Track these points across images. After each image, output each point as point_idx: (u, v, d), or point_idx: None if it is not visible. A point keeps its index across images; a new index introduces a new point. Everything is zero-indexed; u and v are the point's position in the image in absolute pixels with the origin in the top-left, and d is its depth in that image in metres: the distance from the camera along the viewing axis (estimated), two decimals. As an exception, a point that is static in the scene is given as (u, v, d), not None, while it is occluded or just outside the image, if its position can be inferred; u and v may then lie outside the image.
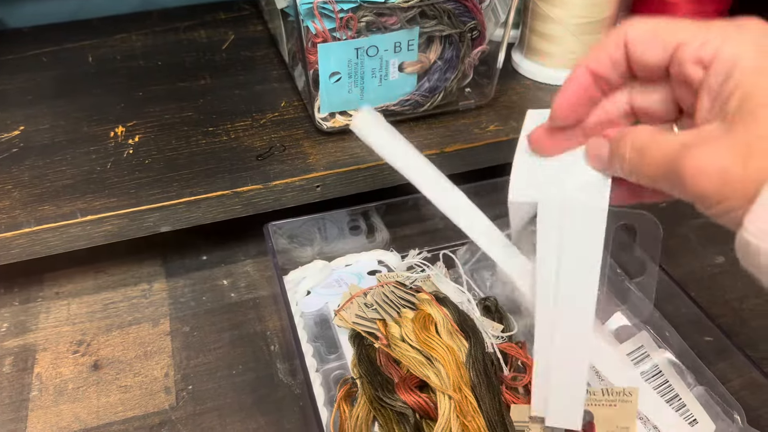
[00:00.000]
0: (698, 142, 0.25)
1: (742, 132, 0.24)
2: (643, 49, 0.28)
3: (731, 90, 0.25)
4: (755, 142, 0.23)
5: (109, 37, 0.68)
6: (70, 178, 0.50)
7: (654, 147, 0.27)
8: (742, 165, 0.23)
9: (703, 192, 0.24)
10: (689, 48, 0.26)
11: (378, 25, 0.48)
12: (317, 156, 0.52)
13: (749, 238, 0.23)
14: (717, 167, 0.24)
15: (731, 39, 0.25)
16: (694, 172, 0.24)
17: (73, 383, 0.47)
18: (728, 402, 0.41)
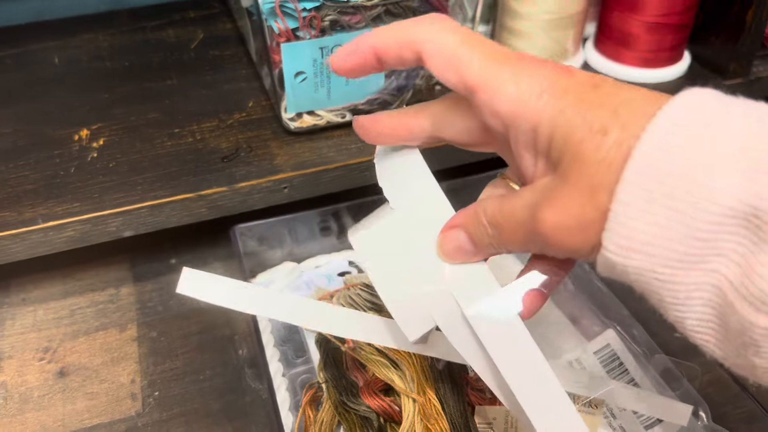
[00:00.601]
0: (542, 202, 0.24)
1: (576, 175, 0.23)
2: (438, 67, 0.26)
3: (547, 139, 0.24)
4: (593, 179, 0.22)
5: (74, 37, 0.67)
6: (32, 183, 0.49)
7: (505, 216, 0.26)
8: (592, 207, 0.22)
9: (571, 247, 0.24)
10: (483, 97, 0.25)
11: (342, 23, 0.48)
12: (284, 157, 0.51)
13: (611, 257, 0.22)
14: (571, 220, 0.23)
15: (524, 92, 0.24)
16: (552, 233, 0.24)
17: (38, 391, 0.46)
18: (694, 399, 0.41)
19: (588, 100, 0.23)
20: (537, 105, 0.24)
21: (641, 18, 0.57)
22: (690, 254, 0.21)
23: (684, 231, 0.20)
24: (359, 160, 0.51)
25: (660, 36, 0.58)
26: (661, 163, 0.21)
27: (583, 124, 0.23)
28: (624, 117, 0.22)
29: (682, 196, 0.20)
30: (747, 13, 0.57)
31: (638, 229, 0.21)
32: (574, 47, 0.60)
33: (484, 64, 0.25)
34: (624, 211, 0.21)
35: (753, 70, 0.61)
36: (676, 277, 0.21)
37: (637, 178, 0.21)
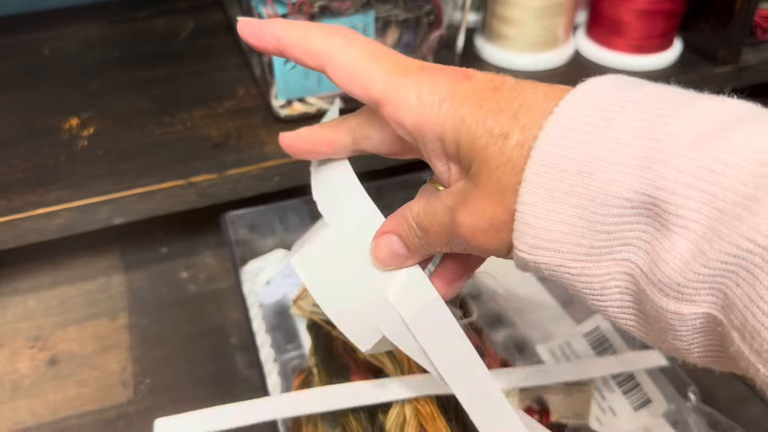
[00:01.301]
0: (458, 206, 0.24)
1: (485, 180, 0.23)
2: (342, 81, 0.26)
3: (454, 148, 0.24)
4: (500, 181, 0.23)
5: (65, 28, 0.67)
6: (22, 171, 0.49)
7: (429, 217, 0.26)
8: (502, 209, 0.23)
9: (488, 247, 0.24)
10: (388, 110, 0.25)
11: (332, 9, 0.48)
12: (275, 145, 0.51)
13: (523, 256, 0.23)
14: (484, 222, 0.23)
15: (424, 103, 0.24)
16: (468, 234, 0.24)
17: (29, 379, 0.46)
18: (683, 381, 0.41)
19: (487, 106, 0.23)
20: (438, 115, 0.24)
21: (632, 5, 0.57)
22: (596, 247, 0.21)
23: (587, 226, 0.21)
24: (350, 147, 0.51)
25: (651, 23, 0.58)
26: (559, 160, 0.21)
27: (485, 131, 0.23)
28: (523, 119, 0.22)
29: (581, 192, 0.21)
30: (736, 1, 0.57)
31: (543, 227, 0.22)
32: (564, 35, 0.60)
33: (386, 76, 0.25)
34: (528, 211, 0.22)
35: (743, 58, 0.61)
36: (587, 270, 0.22)
37: (537, 178, 0.21)
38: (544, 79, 0.61)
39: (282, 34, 0.27)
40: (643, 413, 0.40)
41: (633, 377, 0.41)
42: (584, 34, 0.62)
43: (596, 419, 0.40)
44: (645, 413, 0.40)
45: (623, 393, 0.40)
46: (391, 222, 0.28)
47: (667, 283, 0.20)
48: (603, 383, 0.41)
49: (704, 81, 0.60)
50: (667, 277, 0.20)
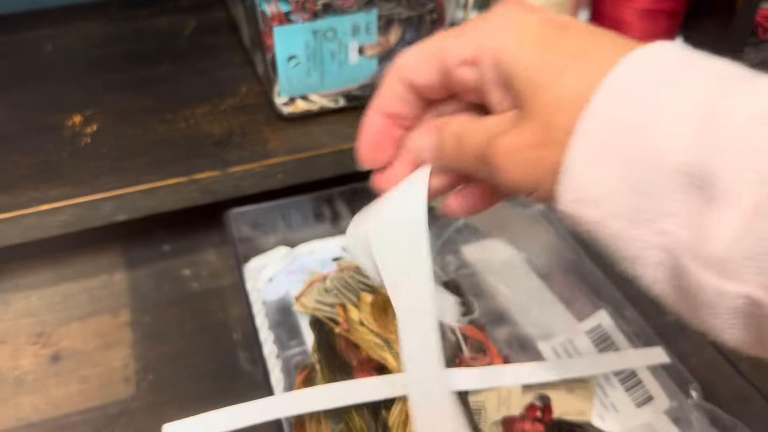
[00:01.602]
0: (501, 132, 0.25)
1: (531, 112, 0.23)
2: (414, 73, 0.28)
3: (507, 75, 0.24)
4: (547, 119, 0.23)
5: (68, 26, 0.67)
6: (25, 168, 0.49)
7: (468, 135, 0.26)
8: (543, 143, 0.23)
9: (516, 179, 0.24)
10: (451, 53, 0.26)
11: (335, 7, 0.48)
12: (277, 142, 0.51)
13: (565, 208, 0.23)
14: (519, 151, 0.24)
15: (486, 29, 0.25)
16: (503, 162, 0.24)
17: (32, 375, 0.46)
18: (685, 378, 0.41)
19: (549, 41, 0.24)
20: (499, 41, 0.24)
21: (634, 5, 0.57)
22: (638, 210, 0.21)
23: (632, 187, 0.21)
24: (352, 145, 0.50)
25: (652, 23, 0.58)
26: (612, 118, 0.21)
27: (542, 63, 0.23)
28: (582, 62, 0.22)
29: (631, 153, 0.21)
30: (737, 1, 0.57)
31: (588, 182, 0.22)
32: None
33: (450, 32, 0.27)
34: (575, 165, 0.22)
35: (744, 57, 0.61)
36: (625, 231, 0.21)
37: (589, 134, 0.21)
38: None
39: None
40: (645, 410, 0.40)
41: (635, 374, 0.41)
42: (586, 34, 0.62)
43: (598, 416, 0.40)
44: (647, 410, 0.40)
45: (625, 390, 0.41)
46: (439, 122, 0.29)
47: (711, 258, 0.19)
48: (605, 380, 0.41)
49: (706, 80, 0.60)
50: (712, 251, 0.19)
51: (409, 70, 0.28)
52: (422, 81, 0.28)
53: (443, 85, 0.28)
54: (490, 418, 0.39)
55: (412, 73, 0.28)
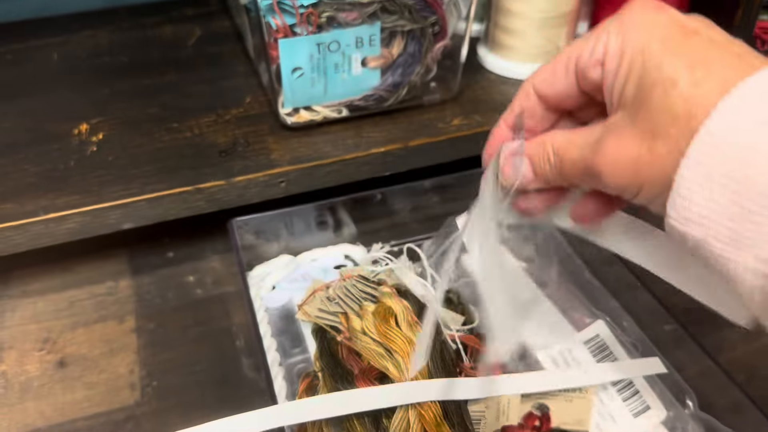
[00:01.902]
0: (606, 136, 0.25)
1: (642, 118, 0.24)
2: (549, 84, 0.29)
3: (625, 78, 0.25)
4: (656, 125, 0.24)
5: (75, 34, 0.68)
6: (33, 176, 0.50)
7: (570, 147, 0.28)
8: (648, 150, 0.24)
9: (620, 183, 0.25)
10: (585, 55, 0.27)
11: (339, 20, 0.48)
12: (281, 151, 0.52)
13: (672, 223, 0.24)
14: (624, 157, 0.24)
15: (616, 30, 0.26)
16: (607, 166, 0.25)
17: (38, 380, 0.47)
18: (681, 389, 0.42)
19: (671, 46, 0.24)
20: (623, 38, 0.25)
21: (633, 17, 0.58)
22: (742, 234, 0.22)
23: (738, 211, 0.22)
24: (355, 155, 0.52)
25: (651, 35, 0.59)
26: (725, 143, 0.22)
27: (658, 70, 0.24)
28: (699, 74, 0.23)
29: (740, 179, 0.21)
30: (736, 14, 0.58)
31: (696, 202, 0.23)
32: (566, 45, 0.61)
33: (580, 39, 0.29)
34: (684, 185, 0.23)
35: (742, 69, 0.62)
36: (727, 253, 0.22)
37: (699, 156, 0.22)
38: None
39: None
40: (642, 420, 0.40)
41: (632, 384, 0.41)
42: (586, 45, 0.63)
43: (596, 425, 0.40)
44: (644, 420, 0.40)
45: (623, 400, 0.41)
46: (528, 145, 0.30)
47: None
48: (603, 390, 0.41)
49: (704, 92, 0.61)
50: None
51: (542, 82, 0.29)
52: (555, 90, 0.29)
53: (577, 90, 0.29)
54: (489, 428, 0.40)
55: (545, 83, 0.29)
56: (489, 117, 0.56)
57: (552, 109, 0.31)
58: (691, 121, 0.23)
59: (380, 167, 0.53)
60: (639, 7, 0.26)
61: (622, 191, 0.26)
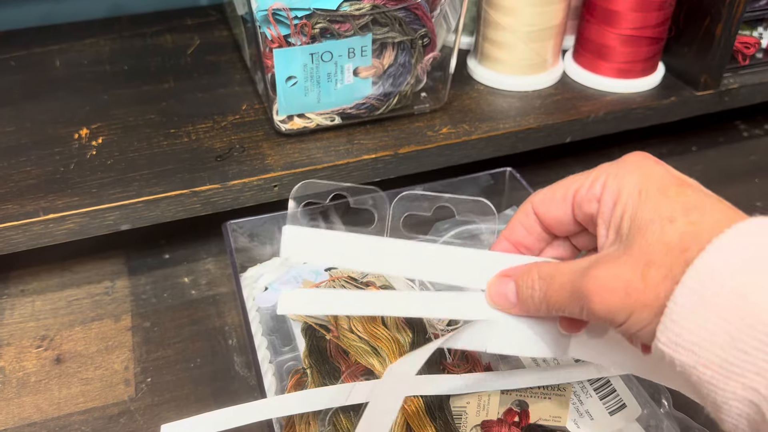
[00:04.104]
0: (599, 263, 0.27)
1: (636, 248, 0.26)
2: (546, 206, 0.32)
3: (621, 214, 0.27)
4: (650, 254, 0.25)
5: (77, 41, 0.70)
6: (34, 178, 0.52)
7: (557, 274, 0.29)
8: (641, 276, 0.25)
9: (609, 308, 0.26)
10: (583, 190, 0.30)
11: (332, 31, 0.50)
12: (275, 157, 0.54)
13: (662, 348, 0.25)
14: (616, 281, 0.26)
15: (614, 172, 0.29)
16: (596, 289, 0.26)
17: (35, 376, 0.48)
18: (657, 388, 0.43)
19: (667, 191, 0.26)
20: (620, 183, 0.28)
21: (617, 31, 0.60)
22: (730, 363, 0.23)
23: (728, 340, 0.23)
24: (346, 161, 0.53)
25: (635, 48, 0.61)
26: (719, 275, 0.23)
27: (656, 209, 0.26)
28: (694, 216, 0.25)
29: (732, 309, 0.23)
30: (716, 28, 0.60)
31: (687, 329, 0.24)
32: (553, 58, 0.63)
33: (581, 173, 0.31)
34: (677, 310, 0.24)
35: (723, 82, 0.64)
36: (715, 380, 0.23)
37: (694, 284, 0.24)
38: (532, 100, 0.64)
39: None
40: (619, 417, 0.42)
41: (609, 383, 0.43)
42: (572, 58, 0.65)
43: (574, 422, 0.42)
44: (620, 417, 0.42)
45: (600, 398, 0.43)
46: (516, 269, 0.32)
47: None
48: (581, 388, 0.43)
49: (686, 105, 0.63)
50: None
51: (543, 205, 0.32)
52: (551, 214, 0.32)
53: (571, 219, 0.31)
54: (470, 422, 0.41)
55: (545, 207, 0.32)
56: (477, 126, 0.58)
57: (547, 231, 0.33)
58: (686, 253, 0.24)
59: (371, 173, 0.55)
60: (638, 157, 0.29)
61: (611, 317, 0.26)
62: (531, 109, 0.60)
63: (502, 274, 0.33)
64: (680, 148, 0.71)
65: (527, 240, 0.34)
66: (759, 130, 0.75)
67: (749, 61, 0.67)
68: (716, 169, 0.68)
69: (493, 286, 0.33)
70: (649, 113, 0.62)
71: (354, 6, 0.50)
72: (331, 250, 0.34)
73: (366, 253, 0.34)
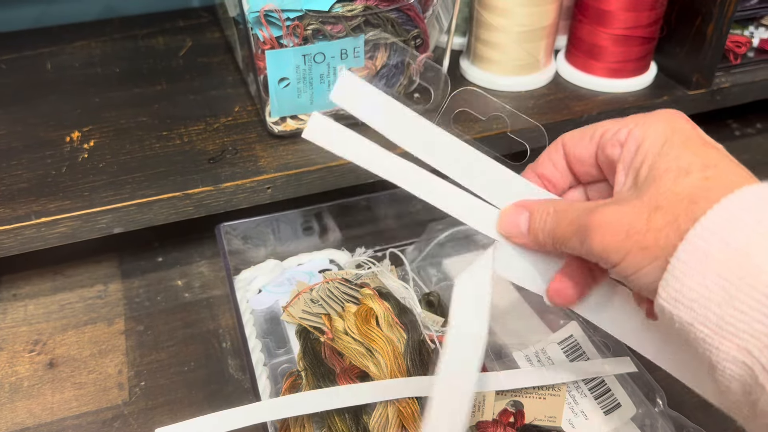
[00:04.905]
0: (610, 203, 0.28)
1: (648, 195, 0.26)
2: (574, 143, 0.32)
3: (641, 160, 0.28)
4: (660, 200, 0.26)
5: (68, 44, 0.70)
6: (25, 181, 0.51)
7: (570, 209, 0.30)
8: (645, 220, 0.26)
9: (607, 246, 0.27)
10: (609, 133, 0.30)
11: (324, 32, 0.50)
12: (268, 159, 0.53)
13: (663, 303, 0.25)
14: (620, 221, 0.26)
15: (642, 122, 0.29)
16: (599, 225, 0.27)
17: (28, 381, 0.48)
18: (651, 387, 0.43)
19: (689, 147, 0.27)
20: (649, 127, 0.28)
21: (609, 31, 0.60)
22: (726, 321, 0.23)
23: (725, 298, 0.23)
24: (340, 163, 0.53)
25: (627, 48, 0.61)
26: (723, 234, 0.24)
27: (674, 159, 0.26)
28: (710, 173, 0.26)
29: (733, 267, 0.23)
30: (708, 27, 0.60)
31: (687, 285, 0.24)
32: (545, 58, 0.63)
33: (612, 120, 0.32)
34: (680, 266, 0.24)
35: (715, 81, 0.64)
36: (710, 339, 0.24)
37: (699, 241, 0.24)
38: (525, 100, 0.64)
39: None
40: (613, 417, 0.42)
41: (604, 382, 0.43)
42: (564, 58, 0.65)
43: (569, 422, 0.42)
44: (615, 417, 0.42)
45: (595, 398, 0.43)
46: (531, 202, 0.32)
47: None
48: (575, 388, 0.43)
49: (678, 104, 0.63)
50: None
51: (571, 141, 0.32)
52: (577, 151, 0.32)
53: (594, 160, 0.32)
54: (466, 424, 0.41)
55: (573, 143, 0.32)
56: (470, 127, 0.58)
57: (571, 170, 0.34)
58: (695, 205, 0.25)
59: (365, 174, 0.55)
60: (669, 113, 0.29)
61: (606, 256, 0.27)
62: (524, 110, 0.60)
63: (518, 204, 0.33)
64: (673, 147, 0.71)
65: (553, 175, 0.34)
66: (751, 129, 0.75)
67: (741, 60, 0.67)
68: (709, 168, 0.69)
69: (507, 215, 0.33)
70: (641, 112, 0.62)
71: (346, 7, 0.49)
72: (376, 111, 0.35)
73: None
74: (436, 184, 0.35)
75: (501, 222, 0.33)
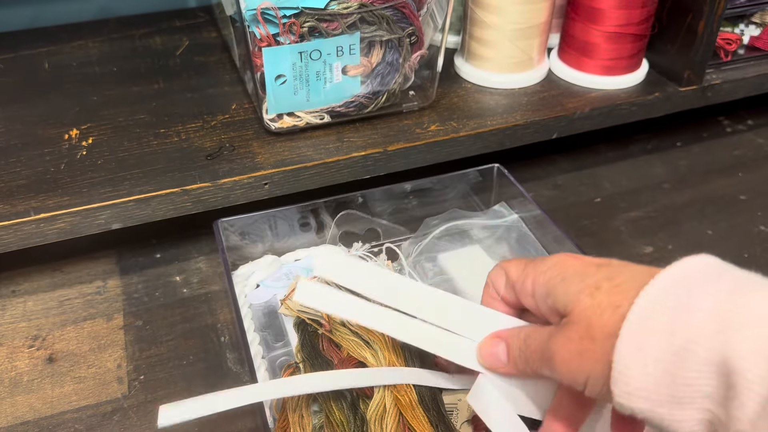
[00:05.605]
0: (556, 333, 0.30)
1: (575, 316, 0.29)
2: (498, 287, 0.36)
3: (553, 302, 0.31)
4: (588, 317, 0.29)
5: (66, 44, 0.70)
6: (24, 178, 0.52)
7: (534, 337, 0.32)
8: (588, 340, 0.28)
9: (569, 368, 0.29)
10: (518, 285, 0.34)
11: (320, 30, 0.51)
12: (265, 155, 0.54)
13: (618, 400, 0.27)
14: (572, 344, 0.29)
15: (542, 269, 0.32)
16: (558, 352, 0.30)
17: (28, 376, 0.48)
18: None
19: (588, 272, 0.30)
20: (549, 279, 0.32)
21: (601, 28, 0.61)
22: (679, 396, 0.25)
23: (670, 379, 0.25)
24: (336, 159, 0.54)
25: (619, 45, 0.62)
26: (649, 321, 0.26)
27: (581, 283, 0.30)
28: (617, 280, 0.29)
29: (665, 348, 0.25)
30: (698, 25, 0.61)
31: (634, 377, 0.26)
32: (539, 56, 0.64)
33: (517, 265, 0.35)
34: (621, 361, 0.27)
35: (706, 78, 0.65)
36: (671, 416, 0.26)
37: (631, 336, 0.26)
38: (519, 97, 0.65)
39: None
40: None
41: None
42: (557, 56, 0.66)
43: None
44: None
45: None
46: (507, 331, 0.35)
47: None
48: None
49: (670, 101, 0.64)
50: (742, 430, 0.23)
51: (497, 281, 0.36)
52: (503, 294, 0.36)
53: (518, 303, 0.35)
54: (462, 418, 0.42)
55: (498, 284, 0.36)
56: (464, 123, 0.58)
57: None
58: (619, 309, 0.27)
59: (360, 170, 0.56)
60: (558, 256, 0.33)
61: (573, 378, 0.30)
62: (518, 106, 0.61)
63: (494, 335, 0.35)
64: (665, 143, 0.72)
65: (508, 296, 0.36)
66: (742, 125, 0.76)
67: (731, 57, 0.68)
68: (700, 164, 0.70)
69: (485, 348, 0.35)
70: (633, 109, 0.63)
71: (342, 5, 0.50)
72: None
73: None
74: (420, 329, 0.38)
75: (481, 355, 0.36)
